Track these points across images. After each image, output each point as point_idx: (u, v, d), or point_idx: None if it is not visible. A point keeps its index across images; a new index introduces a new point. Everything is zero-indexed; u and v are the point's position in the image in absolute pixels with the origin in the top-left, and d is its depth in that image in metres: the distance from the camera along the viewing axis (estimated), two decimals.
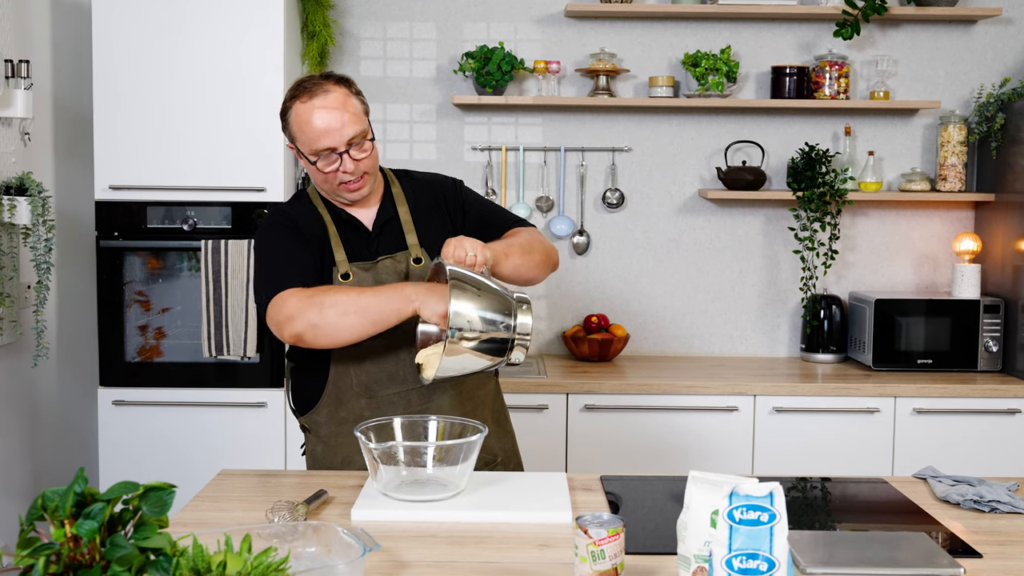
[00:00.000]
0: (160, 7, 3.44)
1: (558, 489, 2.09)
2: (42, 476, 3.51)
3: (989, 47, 4.02)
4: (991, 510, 2.03)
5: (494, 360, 2.07)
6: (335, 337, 2.13)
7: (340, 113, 2.18)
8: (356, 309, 2.09)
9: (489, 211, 2.43)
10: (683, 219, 4.06)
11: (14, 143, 3.28)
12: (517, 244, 2.27)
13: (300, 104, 2.20)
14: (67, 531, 1.20)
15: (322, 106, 2.18)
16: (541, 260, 2.31)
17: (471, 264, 2.09)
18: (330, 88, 2.20)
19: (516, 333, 2.05)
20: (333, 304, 2.10)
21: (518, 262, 2.24)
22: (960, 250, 3.88)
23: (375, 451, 2.02)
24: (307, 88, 2.20)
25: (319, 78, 2.23)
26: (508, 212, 2.47)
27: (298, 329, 2.12)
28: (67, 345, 3.68)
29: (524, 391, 3.48)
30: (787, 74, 3.89)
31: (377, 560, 1.71)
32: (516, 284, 2.27)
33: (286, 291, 2.16)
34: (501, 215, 2.43)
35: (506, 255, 2.21)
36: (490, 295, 2.05)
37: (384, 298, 2.10)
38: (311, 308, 2.11)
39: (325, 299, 2.11)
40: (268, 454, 3.50)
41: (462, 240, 2.11)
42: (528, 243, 2.30)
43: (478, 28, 4.00)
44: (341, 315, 2.09)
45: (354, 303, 2.10)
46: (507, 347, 2.05)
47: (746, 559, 1.45)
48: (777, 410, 3.53)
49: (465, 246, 2.10)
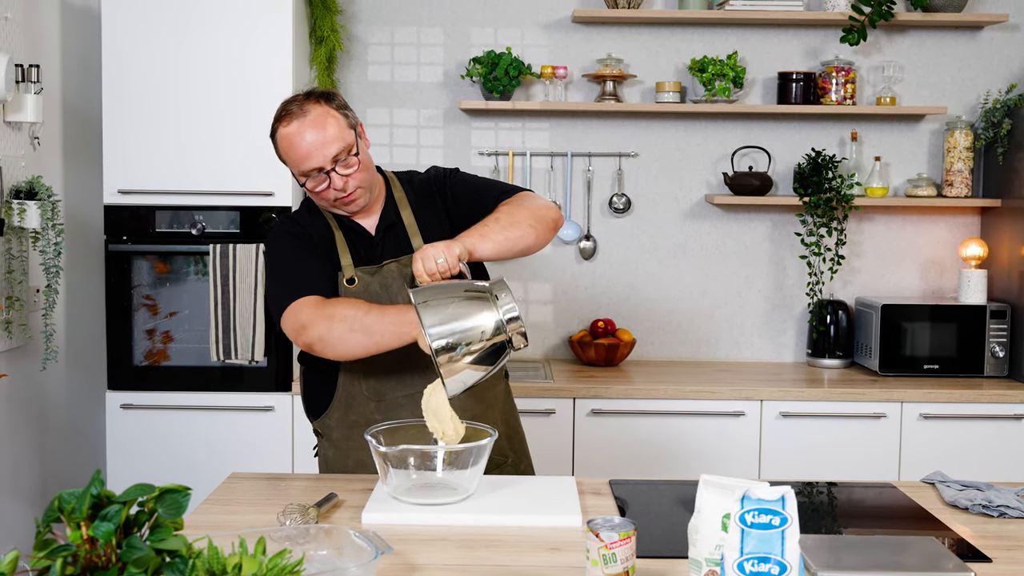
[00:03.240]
0: (169, 12, 3.45)
1: (568, 493, 2.09)
2: (51, 479, 3.52)
3: (995, 53, 4.03)
4: (1000, 515, 2.03)
5: (499, 359, 2.02)
6: (342, 351, 2.13)
7: (321, 132, 2.16)
8: (361, 327, 2.08)
9: (477, 190, 2.34)
10: (689, 224, 4.07)
11: (24, 147, 3.30)
12: (495, 222, 2.18)
13: (283, 128, 2.20)
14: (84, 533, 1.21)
15: (303, 128, 2.17)
16: (531, 227, 2.19)
17: (444, 271, 2.05)
18: (310, 108, 2.19)
19: (505, 323, 1.98)
20: (342, 319, 2.09)
21: (500, 239, 2.15)
22: (966, 256, 3.89)
23: (385, 455, 2.02)
24: (289, 111, 2.20)
25: (301, 98, 2.22)
26: (498, 185, 2.37)
27: (310, 339, 2.13)
28: (76, 348, 3.69)
29: (531, 395, 3.48)
30: (794, 80, 3.90)
31: (388, 563, 1.72)
32: (512, 258, 2.23)
33: (301, 299, 2.16)
34: (489, 189, 2.34)
35: (483, 237, 2.14)
36: (462, 301, 1.98)
37: (388, 321, 2.08)
38: (321, 320, 2.11)
39: (336, 312, 2.11)
40: (276, 458, 3.50)
41: (426, 250, 2.06)
42: (510, 215, 2.20)
43: (485, 33, 4.01)
44: (348, 331, 2.09)
45: (360, 321, 2.08)
46: (504, 341, 2.00)
47: (758, 563, 1.46)
48: (784, 415, 3.53)
49: (430, 255, 2.05)
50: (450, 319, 1.97)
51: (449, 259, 2.05)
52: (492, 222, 2.18)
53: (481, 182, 2.39)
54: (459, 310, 1.98)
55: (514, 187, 2.35)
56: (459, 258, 2.07)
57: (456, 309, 1.98)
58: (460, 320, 1.97)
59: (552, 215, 2.26)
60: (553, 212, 2.27)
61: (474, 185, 2.37)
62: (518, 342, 2.00)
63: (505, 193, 2.32)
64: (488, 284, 2.03)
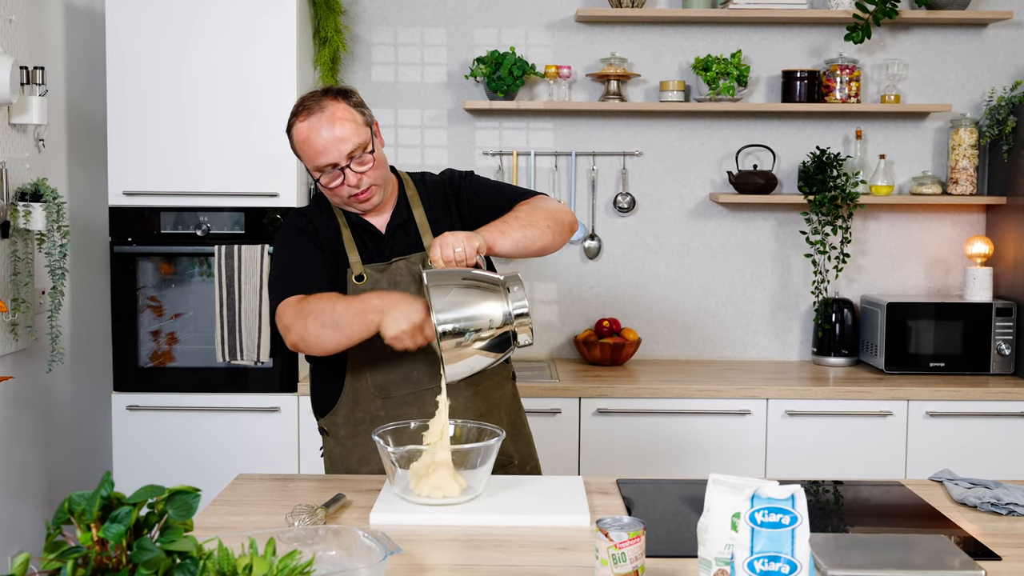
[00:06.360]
0: (172, 14, 3.45)
1: (575, 493, 2.09)
2: (57, 480, 3.52)
3: (1000, 50, 4.02)
4: (1008, 512, 2.03)
5: (501, 352, 2.01)
6: (319, 347, 2.13)
7: (338, 128, 2.18)
8: (331, 321, 2.09)
9: (493, 192, 2.37)
10: (694, 223, 4.07)
11: (29, 149, 3.30)
12: (514, 219, 2.20)
13: (300, 123, 2.21)
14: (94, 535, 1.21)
15: (320, 123, 2.18)
16: (548, 228, 2.22)
17: (460, 260, 2.05)
18: (327, 104, 2.20)
19: (514, 317, 1.98)
20: (314, 315, 2.11)
21: (518, 236, 2.17)
22: (972, 253, 3.88)
23: (393, 455, 2.02)
24: (306, 106, 2.21)
25: (319, 94, 2.23)
26: (514, 188, 2.39)
27: (293, 340, 2.15)
28: (81, 350, 3.69)
29: (537, 395, 3.48)
30: (798, 78, 3.89)
31: (397, 563, 1.72)
32: (528, 257, 2.25)
33: (289, 298, 2.18)
34: (505, 194, 2.35)
35: (503, 233, 2.16)
36: (474, 290, 1.99)
37: (353, 312, 2.08)
38: (299, 318, 2.12)
39: (311, 308, 2.12)
40: (282, 459, 3.50)
41: (445, 237, 2.08)
42: (529, 215, 2.23)
43: (489, 33, 4.01)
44: (320, 327, 2.10)
45: (330, 315, 2.09)
46: (509, 335, 2.00)
47: (768, 562, 1.46)
48: (789, 414, 3.53)
49: (449, 242, 2.06)
50: (459, 304, 1.97)
51: (468, 249, 2.07)
52: (512, 219, 2.21)
53: (496, 185, 2.42)
54: (469, 297, 1.98)
55: (529, 190, 2.38)
56: (478, 250, 2.08)
57: (468, 295, 1.98)
58: (469, 307, 1.97)
59: (568, 219, 2.30)
60: (570, 216, 2.31)
61: (489, 188, 2.39)
62: (524, 337, 2.00)
63: (521, 196, 2.34)
64: (503, 276, 2.04)
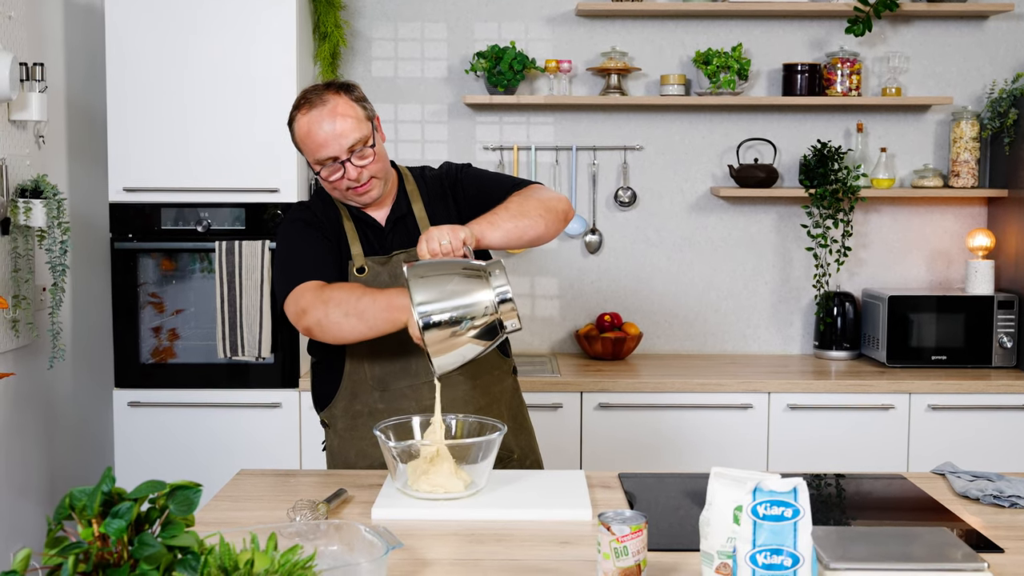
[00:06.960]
0: (172, 9, 3.45)
1: (577, 486, 2.09)
2: (58, 477, 3.53)
3: (1001, 42, 4.01)
4: (1011, 505, 2.03)
5: (489, 339, 1.99)
6: (337, 335, 2.14)
7: (339, 122, 2.19)
8: (356, 311, 2.10)
9: (490, 183, 2.36)
10: (695, 217, 4.06)
11: (29, 146, 3.30)
12: (504, 210, 2.21)
13: (301, 115, 2.23)
14: (95, 530, 1.21)
15: (321, 117, 2.20)
16: (540, 217, 2.21)
17: (447, 253, 2.05)
18: (329, 98, 2.22)
19: (497, 303, 1.97)
20: (338, 303, 2.12)
21: (509, 227, 2.18)
22: (973, 246, 3.88)
23: (394, 450, 2.02)
24: (308, 99, 2.23)
25: (322, 88, 2.25)
26: (509, 179, 2.39)
27: (308, 323, 2.15)
28: (82, 347, 3.69)
29: (538, 390, 3.48)
30: (798, 71, 3.89)
31: (399, 558, 1.72)
32: (522, 247, 2.25)
33: (304, 284, 2.19)
34: (500, 184, 2.35)
35: (492, 224, 2.16)
36: (455, 277, 1.97)
37: (380, 306, 2.09)
38: (319, 304, 2.13)
39: (332, 296, 2.13)
40: (284, 454, 3.50)
41: (431, 231, 2.08)
42: (520, 205, 2.22)
43: (489, 28, 4.00)
44: (343, 315, 2.11)
45: (355, 305, 2.10)
46: (495, 321, 1.98)
47: (770, 555, 1.45)
48: (791, 407, 3.53)
49: (435, 236, 2.07)
50: (441, 295, 1.96)
51: (454, 241, 2.06)
52: (502, 210, 2.21)
53: (492, 176, 2.41)
54: (451, 286, 1.97)
55: (525, 180, 2.37)
56: (464, 242, 2.08)
57: (448, 284, 1.97)
58: (451, 296, 1.96)
59: (562, 207, 2.29)
60: (563, 204, 2.30)
61: (485, 179, 2.38)
62: (511, 323, 1.99)
63: (516, 186, 2.34)
64: (484, 264, 2.03)
